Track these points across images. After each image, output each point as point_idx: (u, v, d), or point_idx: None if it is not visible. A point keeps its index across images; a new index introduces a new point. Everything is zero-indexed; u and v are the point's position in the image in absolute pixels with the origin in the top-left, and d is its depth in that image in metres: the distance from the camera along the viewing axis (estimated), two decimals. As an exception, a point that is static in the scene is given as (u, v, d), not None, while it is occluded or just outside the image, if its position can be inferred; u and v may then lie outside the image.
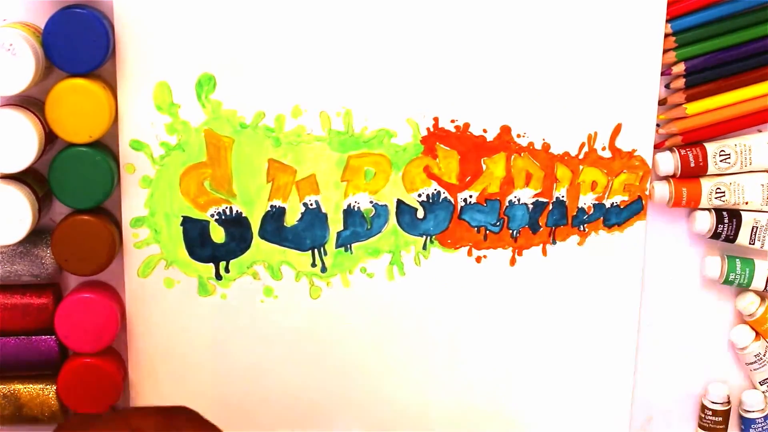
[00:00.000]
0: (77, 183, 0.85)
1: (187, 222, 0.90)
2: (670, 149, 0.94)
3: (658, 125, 0.94)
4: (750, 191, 0.94)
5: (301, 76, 0.89)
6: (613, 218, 0.95)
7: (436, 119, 0.91)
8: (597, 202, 0.95)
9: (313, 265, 0.93)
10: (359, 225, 0.92)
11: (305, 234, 0.92)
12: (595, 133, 0.93)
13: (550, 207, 0.94)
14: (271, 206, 0.91)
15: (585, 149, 0.93)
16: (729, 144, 0.93)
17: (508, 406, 0.98)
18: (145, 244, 0.90)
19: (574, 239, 0.95)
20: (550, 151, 0.93)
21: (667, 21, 0.91)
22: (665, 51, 0.91)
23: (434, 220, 0.93)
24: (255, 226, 0.91)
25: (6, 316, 0.88)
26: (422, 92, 0.90)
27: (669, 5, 0.91)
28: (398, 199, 0.92)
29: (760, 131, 0.95)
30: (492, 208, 0.94)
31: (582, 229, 0.95)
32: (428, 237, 0.94)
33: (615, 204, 0.95)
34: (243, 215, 0.91)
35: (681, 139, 0.93)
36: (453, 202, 0.93)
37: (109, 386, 0.89)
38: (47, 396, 0.90)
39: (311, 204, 0.91)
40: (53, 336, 0.89)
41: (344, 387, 0.95)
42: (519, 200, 0.94)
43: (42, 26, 0.81)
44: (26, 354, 0.89)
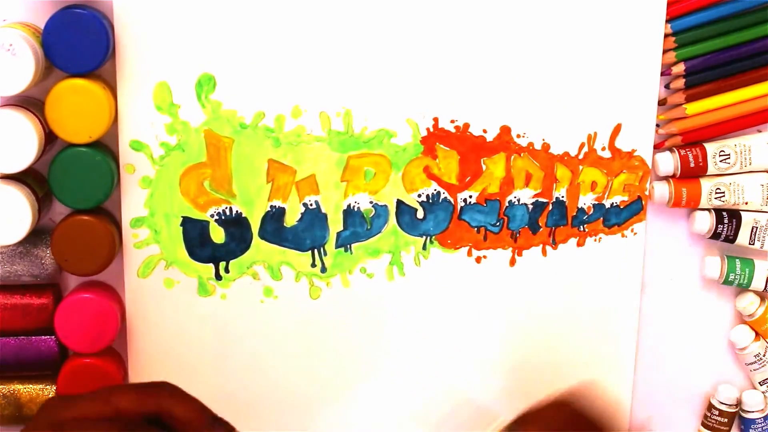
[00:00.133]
0: (77, 183, 0.84)
1: (187, 222, 0.90)
2: (670, 149, 0.94)
3: (658, 125, 0.94)
4: (750, 191, 0.94)
5: (301, 77, 0.88)
6: (613, 218, 0.95)
7: (436, 119, 0.91)
8: (597, 203, 0.95)
9: (313, 266, 0.93)
10: (359, 225, 0.92)
11: (305, 234, 0.92)
12: (595, 134, 0.93)
13: (550, 207, 0.94)
14: (271, 206, 0.91)
15: (585, 149, 0.93)
16: (729, 144, 0.93)
17: (509, 407, 0.98)
18: (145, 245, 0.90)
19: (574, 239, 0.95)
20: (550, 152, 0.93)
21: (667, 21, 0.91)
22: (665, 51, 0.91)
23: (434, 221, 0.93)
24: (255, 227, 0.91)
25: (6, 316, 0.88)
26: (422, 92, 0.90)
27: (669, 5, 0.91)
28: (398, 200, 0.92)
29: (760, 131, 0.95)
30: (492, 209, 0.94)
31: (582, 230, 0.95)
32: (428, 237, 0.94)
33: (615, 204, 0.95)
34: (243, 215, 0.90)
35: (681, 140, 0.93)
36: (453, 203, 0.93)
37: (109, 386, 0.89)
38: (47, 396, 0.90)
39: (311, 204, 0.91)
40: (53, 336, 0.89)
41: (344, 387, 0.95)
42: (519, 200, 0.94)
43: (42, 26, 0.81)
44: (26, 354, 0.89)
